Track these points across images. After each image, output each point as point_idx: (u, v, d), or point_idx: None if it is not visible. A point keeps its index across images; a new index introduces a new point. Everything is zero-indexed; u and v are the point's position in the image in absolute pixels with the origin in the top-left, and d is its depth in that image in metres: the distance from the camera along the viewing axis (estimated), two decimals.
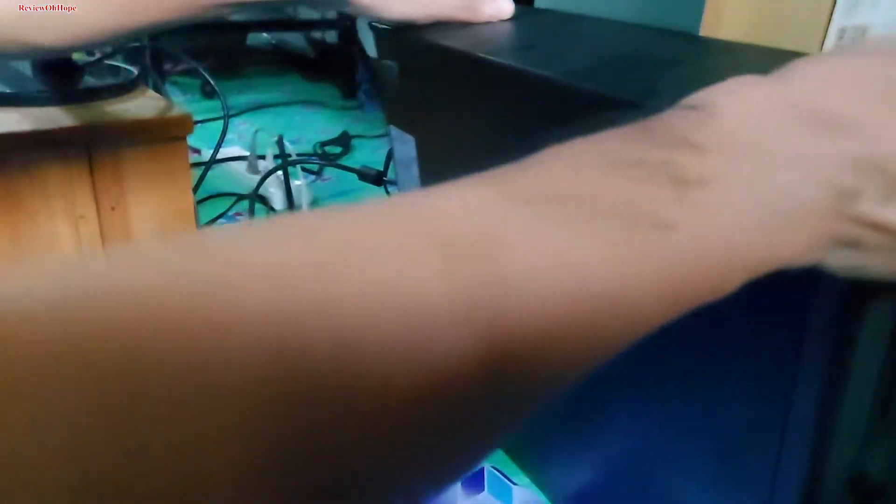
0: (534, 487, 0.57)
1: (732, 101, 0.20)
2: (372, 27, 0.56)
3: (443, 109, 0.52)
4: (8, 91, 0.73)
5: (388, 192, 0.97)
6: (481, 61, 0.44)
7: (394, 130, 0.59)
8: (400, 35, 0.53)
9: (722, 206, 0.18)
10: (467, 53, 0.46)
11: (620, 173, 0.17)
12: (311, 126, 1.52)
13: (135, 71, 0.86)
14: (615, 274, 0.16)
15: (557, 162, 0.18)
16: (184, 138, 0.77)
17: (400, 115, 0.57)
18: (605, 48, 0.46)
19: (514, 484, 0.57)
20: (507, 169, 0.18)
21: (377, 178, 0.90)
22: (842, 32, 0.59)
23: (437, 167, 0.55)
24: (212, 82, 0.99)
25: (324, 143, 1.33)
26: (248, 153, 1.11)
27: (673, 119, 0.20)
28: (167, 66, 1.70)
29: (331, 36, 1.91)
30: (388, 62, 0.55)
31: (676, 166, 0.17)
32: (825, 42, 0.59)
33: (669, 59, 0.41)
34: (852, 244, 0.20)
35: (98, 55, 0.93)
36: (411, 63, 0.53)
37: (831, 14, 0.59)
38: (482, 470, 0.58)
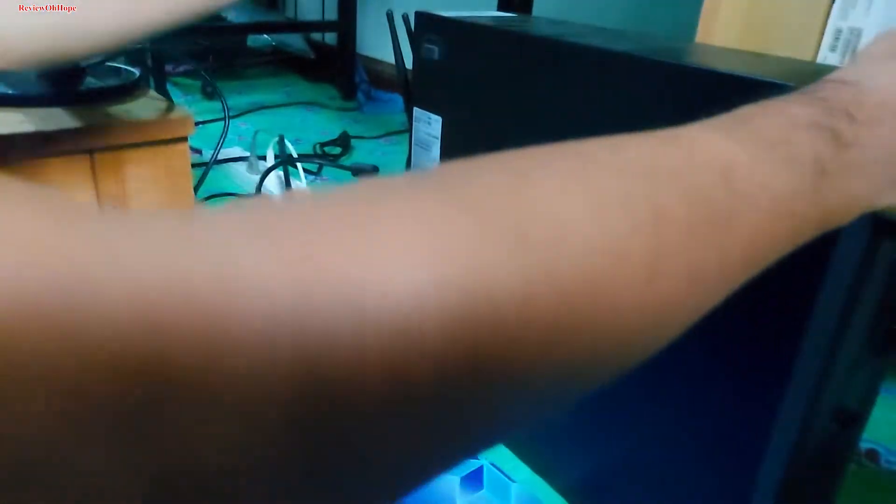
0: (532, 485, 0.57)
1: (881, 79, 0.28)
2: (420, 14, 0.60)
3: (479, 89, 0.55)
4: (11, 92, 0.73)
5: None
6: (553, 43, 0.47)
7: (418, 112, 0.62)
8: (448, 19, 0.57)
9: (863, 162, 0.26)
10: (539, 36, 0.48)
11: (807, 132, 0.25)
12: (311, 127, 1.52)
13: (136, 72, 0.87)
14: (805, 203, 0.24)
15: (763, 119, 0.25)
16: (185, 139, 0.77)
17: (429, 97, 0.61)
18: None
19: (513, 481, 0.57)
20: (726, 120, 0.25)
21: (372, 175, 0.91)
22: (838, 33, 0.59)
23: (463, 143, 0.59)
24: (212, 83, 0.99)
25: (323, 144, 1.33)
26: (248, 154, 1.12)
27: (839, 93, 0.28)
28: (168, 68, 1.71)
29: (330, 38, 1.91)
30: (429, 45, 0.58)
31: (838, 131, 0.25)
32: (821, 42, 0.60)
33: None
34: None
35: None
36: (457, 45, 0.56)
37: (827, 15, 0.59)
38: (481, 467, 0.58)
